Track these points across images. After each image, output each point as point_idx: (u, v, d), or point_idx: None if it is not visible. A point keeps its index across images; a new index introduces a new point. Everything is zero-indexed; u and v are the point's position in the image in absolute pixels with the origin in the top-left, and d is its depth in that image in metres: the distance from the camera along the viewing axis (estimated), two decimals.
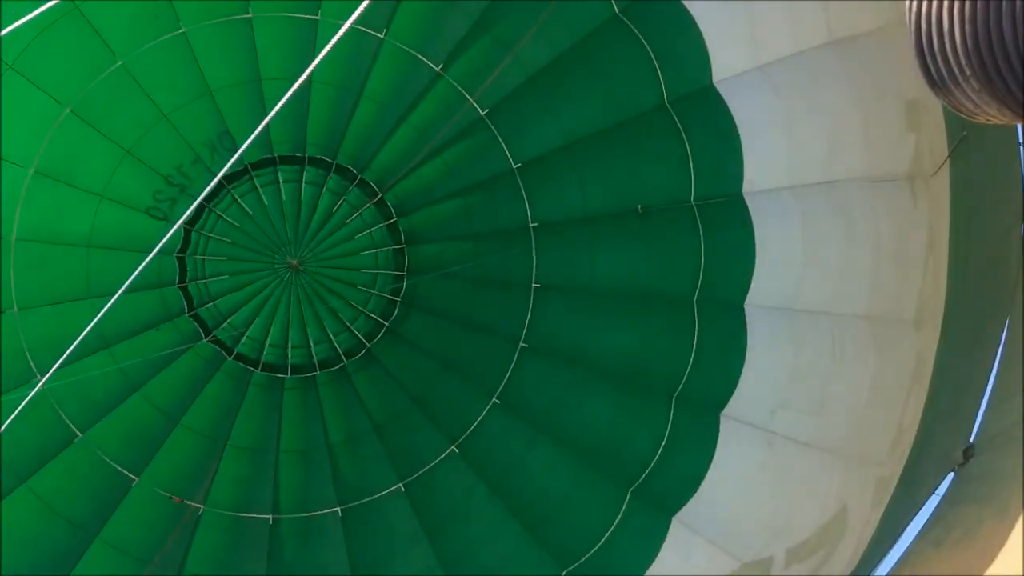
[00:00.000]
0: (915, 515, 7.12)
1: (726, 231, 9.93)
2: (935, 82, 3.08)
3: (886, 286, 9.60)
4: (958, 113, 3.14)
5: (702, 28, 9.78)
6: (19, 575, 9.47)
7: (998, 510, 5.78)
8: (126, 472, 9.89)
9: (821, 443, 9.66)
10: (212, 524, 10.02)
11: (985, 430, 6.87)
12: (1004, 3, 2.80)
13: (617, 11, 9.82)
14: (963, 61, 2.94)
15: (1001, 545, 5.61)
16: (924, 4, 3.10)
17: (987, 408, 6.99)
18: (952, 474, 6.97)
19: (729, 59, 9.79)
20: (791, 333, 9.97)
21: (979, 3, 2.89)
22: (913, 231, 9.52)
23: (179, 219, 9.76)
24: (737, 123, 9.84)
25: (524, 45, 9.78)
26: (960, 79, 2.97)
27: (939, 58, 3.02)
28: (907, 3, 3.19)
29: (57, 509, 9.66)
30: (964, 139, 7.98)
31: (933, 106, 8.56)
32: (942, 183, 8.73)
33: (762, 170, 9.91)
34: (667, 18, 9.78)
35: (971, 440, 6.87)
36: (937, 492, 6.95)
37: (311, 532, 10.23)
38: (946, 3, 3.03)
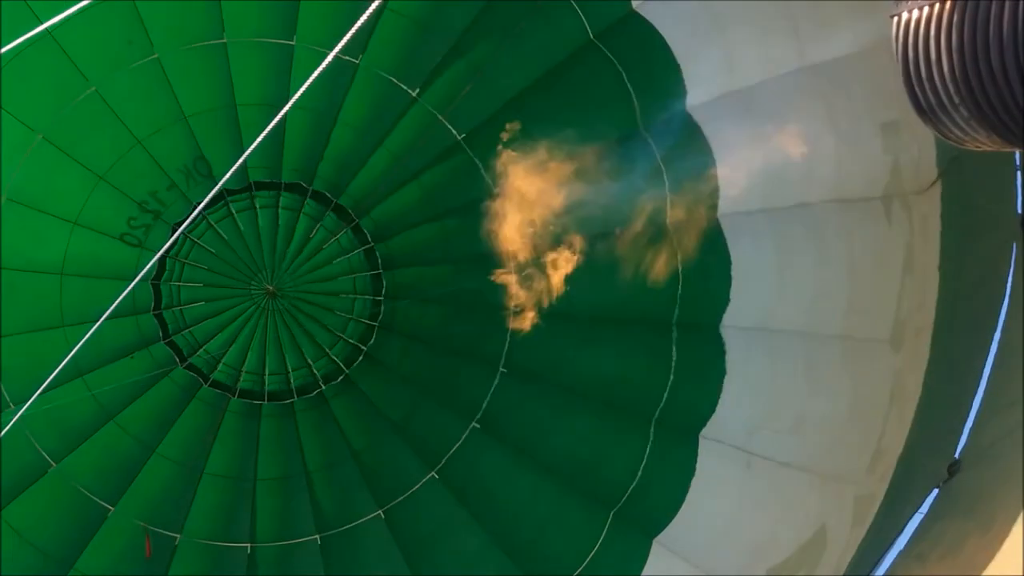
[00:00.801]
0: (900, 532, 7.17)
1: (702, 253, 10.01)
2: (923, 110, 3.13)
3: (860, 307, 9.71)
4: (947, 140, 3.18)
5: (676, 53, 9.89)
6: None
7: (983, 525, 5.82)
8: (101, 502, 9.74)
9: (799, 463, 9.71)
10: (189, 554, 9.87)
11: (970, 446, 6.92)
12: (992, 31, 2.85)
13: (592, 36, 9.91)
14: (952, 90, 2.99)
15: (985, 560, 5.66)
16: (911, 33, 3.16)
17: (973, 424, 7.05)
18: (936, 490, 7.02)
19: (703, 84, 9.90)
20: (767, 354, 10.04)
21: (967, 32, 2.94)
22: (888, 252, 9.65)
23: (153, 246, 9.70)
24: (712, 147, 9.95)
25: (500, 70, 9.83)
26: (949, 108, 3.02)
27: (927, 87, 3.07)
28: (893, 32, 3.25)
29: (31, 540, 9.48)
30: (956, 160, 8.08)
31: (919, 126, 8.67)
32: (931, 203, 8.83)
33: (736, 192, 10.01)
34: (642, 44, 9.88)
35: (956, 456, 6.93)
36: (922, 508, 7.00)
37: (290, 560, 10.10)
38: (933, 32, 3.09)
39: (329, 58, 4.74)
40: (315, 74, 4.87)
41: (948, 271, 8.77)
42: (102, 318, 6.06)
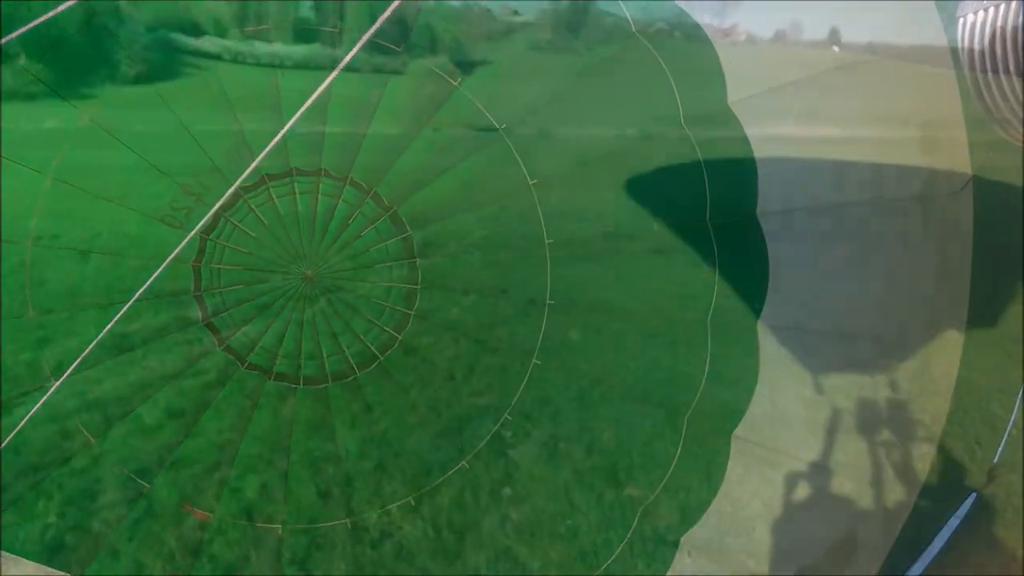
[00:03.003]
0: (935, 536, 7.13)
1: (740, 252, 10.00)
2: (989, 109, 3.12)
3: (895, 309, 9.69)
4: (1011, 139, 3.17)
5: (718, 49, 9.87)
6: None
7: (1019, 531, 5.78)
8: (138, 479, 9.87)
9: (831, 465, 9.71)
10: (222, 533, 9.98)
11: (1009, 451, 6.86)
12: None
13: (635, 30, 9.90)
14: (1017, 88, 2.98)
15: (1020, 568, 5.61)
16: (976, 34, 3.16)
17: (1011, 428, 6.98)
18: (974, 495, 6.98)
19: (744, 81, 9.88)
20: (802, 354, 10.03)
21: None
22: (923, 254, 9.60)
23: (195, 227, 9.78)
24: (752, 144, 9.93)
25: None
26: (1015, 106, 3.01)
27: (993, 85, 3.06)
28: (959, 33, 3.25)
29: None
30: (988, 161, 8.03)
31: (955, 126, 8.65)
32: (964, 206, 8.80)
33: (775, 190, 9.99)
34: (684, 39, 9.87)
35: (995, 461, 6.87)
36: (958, 514, 6.96)
37: (320, 543, 10.19)
38: (999, 32, 3.08)
39: (359, 45, 4.67)
40: (346, 59, 4.82)
41: (980, 274, 8.73)
42: (137, 294, 6.15)
